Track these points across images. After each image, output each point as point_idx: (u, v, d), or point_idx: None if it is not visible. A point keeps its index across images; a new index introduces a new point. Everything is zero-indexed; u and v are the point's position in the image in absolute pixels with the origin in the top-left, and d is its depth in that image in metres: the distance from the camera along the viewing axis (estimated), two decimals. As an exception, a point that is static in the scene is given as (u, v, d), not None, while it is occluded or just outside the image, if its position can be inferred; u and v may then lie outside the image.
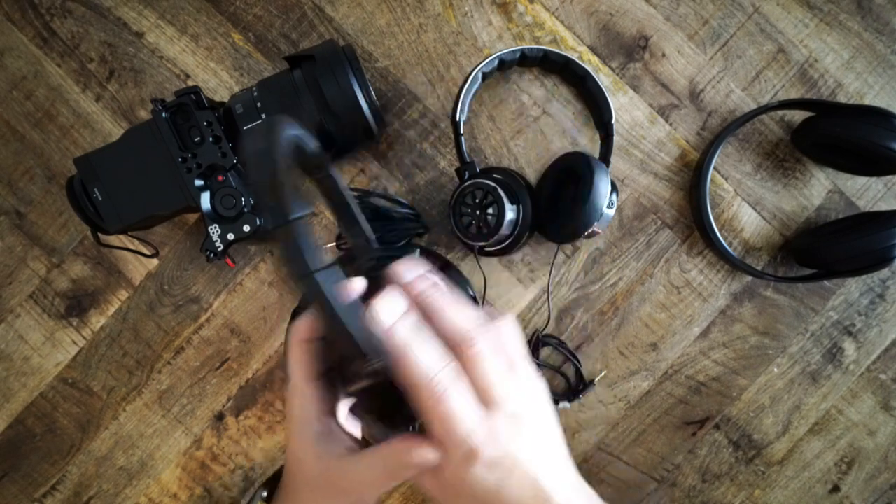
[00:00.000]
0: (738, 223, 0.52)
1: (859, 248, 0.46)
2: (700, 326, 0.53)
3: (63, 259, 0.52)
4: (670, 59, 0.51)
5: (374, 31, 0.51)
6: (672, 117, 0.52)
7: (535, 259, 0.52)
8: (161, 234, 0.52)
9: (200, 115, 0.43)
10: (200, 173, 0.43)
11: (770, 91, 0.51)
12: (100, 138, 0.52)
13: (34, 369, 0.52)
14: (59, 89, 0.52)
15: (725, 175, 0.52)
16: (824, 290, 0.52)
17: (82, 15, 0.51)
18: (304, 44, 0.51)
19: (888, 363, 0.53)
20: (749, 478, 0.54)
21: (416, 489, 0.53)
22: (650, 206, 0.52)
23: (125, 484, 0.53)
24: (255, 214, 0.44)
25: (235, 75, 0.52)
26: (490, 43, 0.51)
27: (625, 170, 0.52)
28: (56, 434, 0.53)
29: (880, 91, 0.51)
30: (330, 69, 0.43)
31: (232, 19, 0.51)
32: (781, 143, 0.52)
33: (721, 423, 0.54)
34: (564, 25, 0.51)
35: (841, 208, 0.52)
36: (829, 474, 0.54)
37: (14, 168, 0.52)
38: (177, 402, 0.53)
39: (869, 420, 0.53)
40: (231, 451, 0.53)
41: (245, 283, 0.52)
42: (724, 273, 0.52)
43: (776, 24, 0.51)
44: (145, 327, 0.52)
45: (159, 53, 0.52)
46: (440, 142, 0.52)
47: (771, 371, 0.53)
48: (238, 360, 0.53)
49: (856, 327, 0.53)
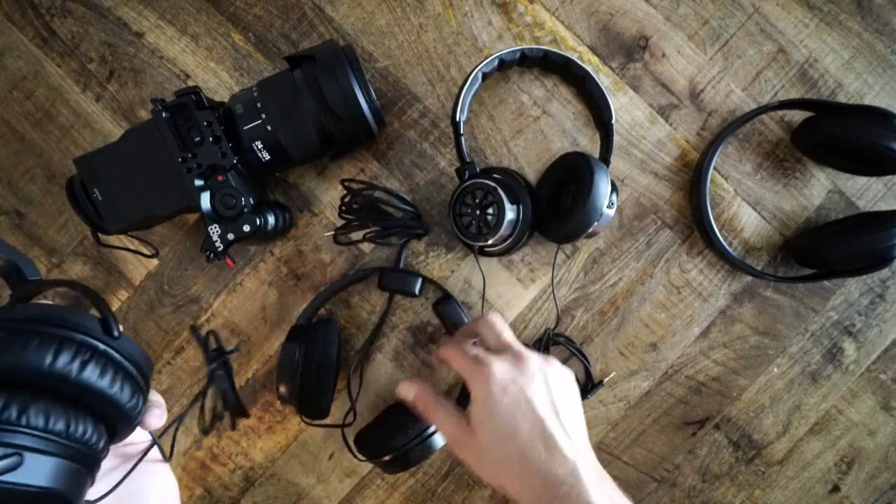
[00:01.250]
0: (738, 223, 0.52)
1: (859, 248, 0.46)
2: (700, 326, 0.53)
3: (63, 259, 0.52)
4: (670, 59, 0.51)
5: (374, 31, 0.51)
6: (672, 117, 0.52)
7: (535, 259, 0.52)
8: (161, 234, 0.52)
9: (200, 115, 0.43)
10: (200, 173, 0.43)
11: (770, 91, 0.51)
12: (100, 138, 0.52)
13: (34, 369, 0.52)
14: (59, 89, 0.52)
15: (725, 175, 0.52)
16: (824, 290, 0.52)
17: (82, 15, 0.51)
18: (304, 44, 0.51)
19: (888, 363, 0.53)
20: (749, 478, 0.54)
21: (416, 489, 0.53)
22: (650, 206, 0.52)
23: (125, 484, 0.53)
24: (255, 214, 0.44)
25: (235, 75, 0.52)
26: (490, 43, 0.51)
27: (625, 170, 0.52)
28: (56, 434, 0.53)
29: (880, 91, 0.51)
30: (330, 69, 0.43)
31: (232, 19, 0.51)
32: (781, 143, 0.52)
33: (721, 423, 0.54)
34: (564, 25, 0.51)
35: (841, 208, 0.52)
36: (829, 474, 0.54)
37: (14, 168, 0.52)
38: (177, 402, 0.53)
39: (869, 420, 0.53)
40: (231, 451, 0.53)
41: (245, 283, 0.52)
42: (724, 273, 0.52)
43: (776, 24, 0.51)
44: (145, 327, 0.52)
45: (159, 53, 0.52)
46: (440, 142, 0.52)
47: (771, 371, 0.53)
48: (238, 360, 0.53)
49: (856, 327, 0.53)
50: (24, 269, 0.29)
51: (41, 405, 0.23)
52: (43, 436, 0.23)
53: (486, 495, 0.54)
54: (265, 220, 0.45)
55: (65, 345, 0.24)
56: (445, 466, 0.53)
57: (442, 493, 0.53)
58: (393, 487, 0.53)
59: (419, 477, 0.53)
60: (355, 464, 0.53)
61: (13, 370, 0.23)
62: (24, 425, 0.23)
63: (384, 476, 0.53)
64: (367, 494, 0.53)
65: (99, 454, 0.26)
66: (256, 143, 0.44)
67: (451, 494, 0.53)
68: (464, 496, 0.53)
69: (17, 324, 0.24)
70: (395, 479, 0.53)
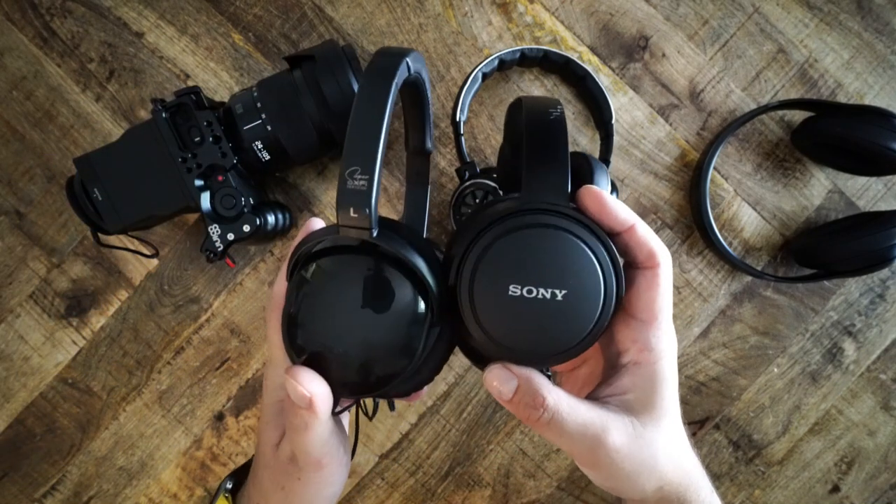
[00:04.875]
0: (738, 223, 0.52)
1: (859, 248, 0.46)
2: (700, 326, 0.53)
3: (63, 259, 0.52)
4: (670, 59, 0.51)
5: (374, 31, 0.51)
6: (672, 117, 0.52)
7: (535, 259, 0.52)
8: (161, 234, 0.52)
9: (200, 115, 0.43)
10: (200, 173, 0.43)
11: (770, 91, 0.51)
12: (100, 138, 0.52)
13: (34, 369, 0.52)
14: (59, 89, 0.52)
15: (725, 175, 0.52)
16: (824, 290, 0.52)
17: (82, 15, 0.51)
18: (304, 44, 0.51)
19: (888, 363, 0.53)
20: (749, 478, 0.54)
21: (416, 489, 0.53)
22: (650, 206, 0.52)
23: (125, 484, 0.53)
24: (255, 214, 0.44)
25: (235, 75, 0.52)
26: (490, 43, 0.51)
27: (625, 170, 0.52)
28: (56, 434, 0.53)
29: (880, 91, 0.51)
30: (330, 69, 0.43)
31: (232, 19, 0.51)
32: (781, 143, 0.52)
33: (721, 423, 0.54)
34: (564, 25, 0.51)
35: (841, 208, 0.52)
36: (829, 474, 0.54)
37: (14, 168, 0.52)
38: (177, 402, 0.53)
39: (869, 420, 0.53)
40: (231, 451, 0.53)
41: (245, 283, 0.52)
42: (724, 273, 0.52)
43: (776, 24, 0.51)
44: (145, 327, 0.52)
45: (159, 53, 0.52)
46: (440, 142, 0.52)
47: (771, 371, 0.53)
48: (238, 360, 0.53)
49: (856, 327, 0.53)
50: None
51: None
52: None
53: (486, 495, 0.54)
54: (265, 220, 0.45)
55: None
56: (445, 466, 0.53)
57: (442, 493, 0.53)
58: (393, 487, 0.54)
59: (419, 477, 0.53)
60: (355, 464, 0.53)
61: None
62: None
63: (384, 476, 0.53)
64: (367, 494, 0.53)
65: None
66: (256, 143, 0.44)
67: (451, 494, 0.54)
68: (464, 496, 0.53)
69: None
70: (395, 478, 0.53)
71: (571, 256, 0.23)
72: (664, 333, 0.25)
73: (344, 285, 0.25)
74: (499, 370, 0.24)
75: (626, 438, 0.24)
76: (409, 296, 0.24)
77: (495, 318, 0.24)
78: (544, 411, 0.23)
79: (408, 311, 0.24)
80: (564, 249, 0.23)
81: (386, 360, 0.25)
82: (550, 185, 0.24)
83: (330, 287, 0.25)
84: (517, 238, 0.23)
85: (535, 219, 0.23)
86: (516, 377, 0.24)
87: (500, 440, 0.53)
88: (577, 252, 0.23)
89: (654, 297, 0.25)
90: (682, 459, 0.26)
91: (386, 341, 0.25)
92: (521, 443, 0.53)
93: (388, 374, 0.25)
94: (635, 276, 0.25)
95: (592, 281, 0.23)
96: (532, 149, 0.24)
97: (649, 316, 0.25)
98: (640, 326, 0.25)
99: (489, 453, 0.53)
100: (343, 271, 0.25)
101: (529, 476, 0.53)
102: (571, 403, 0.24)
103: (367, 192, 0.22)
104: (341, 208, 0.22)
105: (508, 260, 0.23)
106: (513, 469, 0.53)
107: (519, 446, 0.53)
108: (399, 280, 0.24)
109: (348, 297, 0.24)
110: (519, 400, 0.24)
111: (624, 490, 0.26)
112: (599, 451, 0.23)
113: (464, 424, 0.53)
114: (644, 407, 0.25)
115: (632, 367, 0.25)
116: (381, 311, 0.24)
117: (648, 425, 0.25)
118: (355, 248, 0.25)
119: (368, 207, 0.22)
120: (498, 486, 0.53)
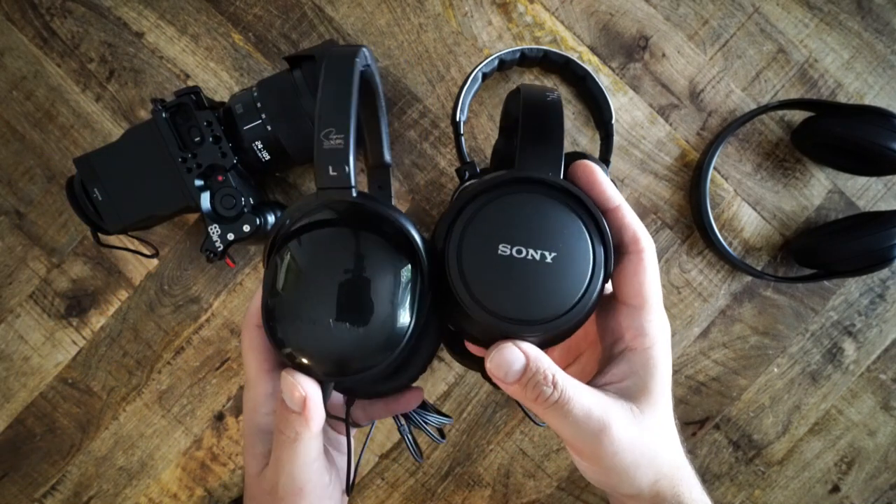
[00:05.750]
0: (738, 223, 0.52)
1: (859, 248, 0.46)
2: (700, 326, 0.53)
3: (63, 259, 0.52)
4: (670, 59, 0.51)
5: (374, 31, 0.51)
6: (672, 117, 0.52)
7: (535, 259, 0.52)
8: (161, 234, 0.52)
9: (200, 115, 0.43)
10: (200, 173, 0.43)
11: (770, 91, 0.51)
12: (100, 138, 0.52)
13: (34, 369, 0.52)
14: (59, 89, 0.52)
15: (725, 175, 0.52)
16: (824, 290, 0.52)
17: (82, 15, 0.51)
18: (304, 44, 0.51)
19: (888, 363, 0.53)
20: (749, 478, 0.54)
21: (416, 489, 0.53)
22: (650, 206, 0.52)
23: (125, 484, 0.53)
24: (255, 214, 0.44)
25: (235, 75, 0.52)
26: (490, 43, 0.51)
27: (625, 170, 0.52)
28: (56, 434, 0.53)
29: (880, 91, 0.51)
30: (330, 69, 0.43)
31: (232, 19, 0.51)
32: (781, 143, 0.52)
33: (721, 423, 0.54)
34: (564, 25, 0.51)
35: (841, 208, 0.52)
36: (829, 474, 0.54)
37: (14, 168, 0.52)
38: (177, 402, 0.53)
39: (869, 420, 0.53)
40: (231, 451, 0.53)
41: (245, 283, 0.52)
42: (724, 273, 0.52)
43: (776, 24, 0.51)
44: (145, 327, 0.52)
45: (159, 53, 0.52)
46: (440, 142, 0.52)
47: (771, 371, 0.53)
48: (238, 360, 0.53)
49: (856, 327, 0.53)
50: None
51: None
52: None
53: (486, 495, 0.54)
54: (265, 220, 0.45)
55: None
56: (445, 466, 0.53)
57: (442, 493, 0.53)
58: (393, 487, 0.53)
59: (419, 477, 0.53)
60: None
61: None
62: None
63: (384, 476, 0.53)
64: (368, 494, 0.53)
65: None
66: (256, 143, 0.44)
67: (451, 494, 0.54)
68: (464, 496, 0.53)
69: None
70: (395, 478, 0.53)
71: (562, 221, 0.24)
72: (656, 318, 0.25)
73: (326, 255, 0.24)
74: (507, 347, 0.23)
75: (628, 426, 0.23)
76: (395, 258, 0.23)
77: (484, 279, 0.23)
78: (554, 389, 0.22)
79: (396, 276, 0.23)
80: (555, 214, 0.24)
81: (377, 335, 0.23)
82: (544, 159, 0.24)
83: (313, 260, 0.24)
84: (507, 201, 0.24)
85: (527, 186, 0.24)
86: (525, 354, 0.23)
87: (500, 440, 0.53)
88: (567, 218, 0.24)
89: (642, 281, 0.25)
90: (675, 451, 0.26)
91: (376, 313, 0.23)
92: (521, 443, 0.53)
93: (380, 348, 0.23)
94: (622, 261, 0.26)
95: (582, 247, 0.24)
96: (527, 126, 0.25)
97: (640, 301, 0.25)
98: (632, 312, 0.25)
99: (489, 453, 0.53)
100: (324, 241, 0.24)
101: (529, 476, 0.53)
102: (576, 385, 0.23)
103: (344, 150, 0.22)
104: (319, 168, 0.22)
105: (498, 221, 0.24)
106: (513, 469, 0.53)
107: (519, 446, 0.53)
108: (383, 244, 0.23)
109: (332, 268, 0.23)
110: (528, 379, 0.22)
111: (620, 484, 0.25)
112: (603, 437, 0.23)
113: (464, 424, 0.53)
114: (641, 393, 0.24)
115: (627, 353, 0.25)
116: (367, 279, 0.23)
117: (647, 412, 0.24)
118: (333, 221, 0.24)
119: (347, 164, 0.22)
120: (498, 486, 0.53)
